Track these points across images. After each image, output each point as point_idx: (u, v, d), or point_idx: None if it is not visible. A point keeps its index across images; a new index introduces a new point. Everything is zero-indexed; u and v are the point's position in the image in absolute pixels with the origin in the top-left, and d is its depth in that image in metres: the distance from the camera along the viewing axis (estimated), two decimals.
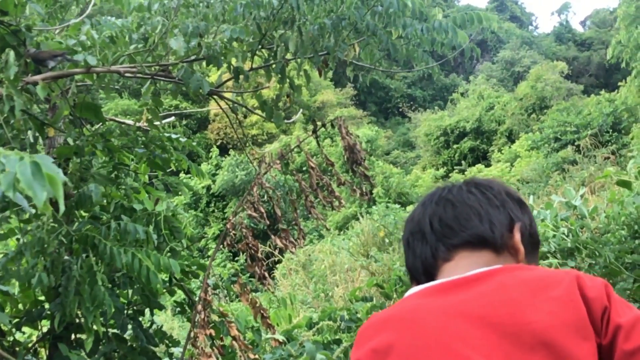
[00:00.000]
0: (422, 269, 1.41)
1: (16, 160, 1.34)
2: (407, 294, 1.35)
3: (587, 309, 1.15)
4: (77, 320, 3.66)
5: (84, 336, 3.69)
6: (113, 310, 3.38)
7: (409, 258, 1.45)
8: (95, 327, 3.39)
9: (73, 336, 3.77)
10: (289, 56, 3.98)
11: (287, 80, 4.07)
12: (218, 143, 43.94)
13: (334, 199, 4.05)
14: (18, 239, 3.60)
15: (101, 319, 3.58)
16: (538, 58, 56.29)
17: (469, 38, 4.04)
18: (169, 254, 3.87)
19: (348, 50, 4.05)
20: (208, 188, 32.95)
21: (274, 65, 3.99)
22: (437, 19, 4.00)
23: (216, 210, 32.88)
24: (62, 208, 1.39)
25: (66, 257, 3.41)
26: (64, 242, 3.42)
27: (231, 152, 33.67)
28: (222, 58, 3.77)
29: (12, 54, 3.04)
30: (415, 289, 1.34)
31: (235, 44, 3.88)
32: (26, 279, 3.39)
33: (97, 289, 3.26)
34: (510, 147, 34.11)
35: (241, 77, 3.93)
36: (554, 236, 6.15)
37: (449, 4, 70.59)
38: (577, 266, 5.98)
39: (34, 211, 3.26)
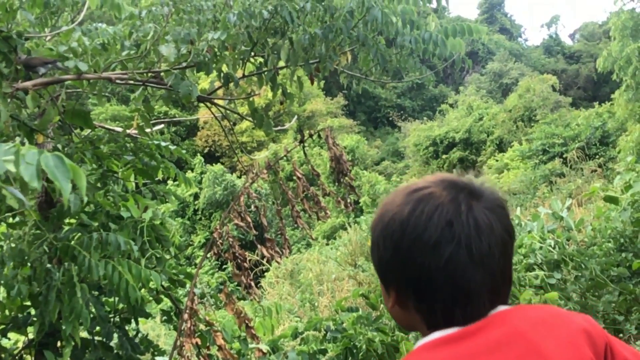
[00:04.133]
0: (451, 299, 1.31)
1: (35, 154, 1.38)
2: (418, 345, 1.31)
3: (590, 344, 1.23)
4: (63, 328, 3.64)
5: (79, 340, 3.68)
6: (89, 321, 3.36)
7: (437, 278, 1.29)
8: (75, 336, 3.37)
9: (59, 343, 3.75)
10: (281, 64, 4.00)
11: (280, 88, 4.09)
12: (206, 150, 43.89)
13: (320, 210, 4.07)
14: (1, 247, 3.58)
15: (81, 327, 3.56)
16: (525, 70, 56.73)
17: (461, 47, 4.07)
18: (154, 262, 3.87)
19: (339, 59, 4.08)
20: (195, 196, 32.86)
21: (265, 73, 4.01)
22: (430, 28, 4.04)
23: (203, 218, 32.79)
24: (85, 198, 1.51)
25: (48, 266, 3.39)
26: (47, 251, 3.41)
27: (209, 167, 33.38)
28: (213, 65, 3.78)
29: None
30: (427, 340, 1.30)
31: (227, 52, 3.90)
32: (8, 287, 3.38)
33: (75, 301, 3.23)
34: (502, 155, 34.34)
35: (231, 84, 3.94)
36: (541, 248, 6.20)
37: (439, 15, 70.84)
38: (563, 278, 6.02)
39: (26, 202, 3.25)
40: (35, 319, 3.64)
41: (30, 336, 3.80)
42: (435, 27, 4.09)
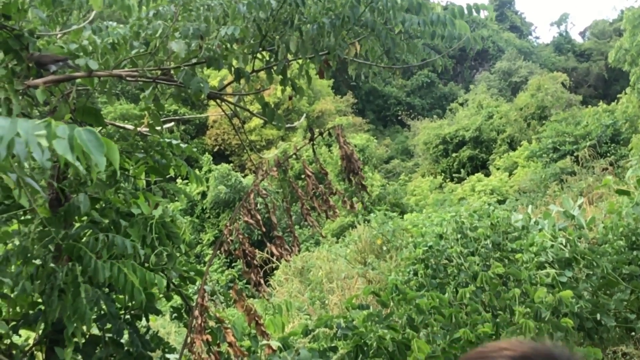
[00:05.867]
0: None
1: (66, 128, 1.36)
2: None
3: None
4: (66, 328, 3.65)
5: (81, 340, 3.69)
6: (91, 322, 3.35)
7: None
8: (77, 336, 3.36)
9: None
10: (290, 57, 3.99)
11: (290, 82, 4.08)
12: (216, 149, 43.93)
13: (329, 208, 4.06)
14: (6, 243, 3.59)
15: (93, 324, 3.57)
16: (534, 68, 56.52)
17: (467, 29, 4.05)
18: (165, 259, 3.88)
19: (349, 49, 4.07)
20: (203, 194, 32.90)
21: (275, 67, 4.01)
22: (436, 12, 4.02)
23: (211, 217, 32.82)
24: (118, 171, 1.52)
25: (52, 265, 3.39)
26: (51, 250, 3.41)
27: (213, 166, 33.33)
28: (223, 60, 3.78)
29: None
30: None
31: (235, 46, 3.89)
32: (13, 284, 3.38)
33: (79, 301, 3.22)
34: (509, 154, 34.21)
35: (242, 79, 3.94)
36: (552, 246, 6.17)
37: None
38: (574, 276, 5.99)
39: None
40: (48, 314, 3.64)
41: (41, 333, 3.81)
42: (440, 11, 4.08)
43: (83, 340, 3.73)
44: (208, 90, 3.66)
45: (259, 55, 4.07)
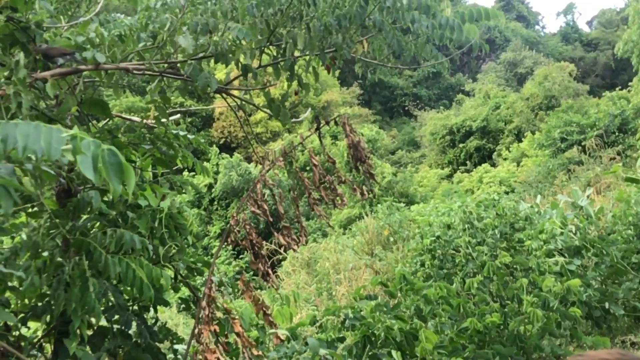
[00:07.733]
0: None
1: (89, 143, 1.37)
2: None
3: None
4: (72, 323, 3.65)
5: (89, 332, 3.69)
6: (101, 316, 3.36)
7: None
8: (82, 332, 3.36)
9: (78, 332, 3.76)
10: (297, 53, 3.99)
11: (296, 77, 4.08)
12: (222, 141, 43.97)
13: (337, 197, 4.05)
14: (13, 237, 3.59)
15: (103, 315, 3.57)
16: (540, 58, 56.30)
17: (475, 32, 4.04)
18: (174, 250, 3.88)
19: (356, 47, 4.06)
20: (210, 186, 32.96)
21: (282, 63, 4.00)
22: (446, 14, 4.00)
23: (219, 209, 32.87)
24: (130, 197, 1.54)
25: (59, 259, 3.39)
26: (59, 245, 3.41)
27: (224, 155, 33.41)
28: (231, 55, 3.77)
29: (22, 55, 3.06)
30: None
31: (243, 41, 3.89)
32: (21, 279, 3.39)
33: (88, 296, 3.22)
34: (518, 145, 34.13)
35: (249, 75, 3.94)
36: (562, 234, 6.16)
37: (455, 3, 70.37)
38: (583, 265, 5.98)
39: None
40: (54, 307, 3.66)
41: (50, 325, 3.82)
42: (450, 13, 4.06)
43: (91, 332, 3.74)
44: (216, 85, 3.65)
45: (266, 50, 4.06)
